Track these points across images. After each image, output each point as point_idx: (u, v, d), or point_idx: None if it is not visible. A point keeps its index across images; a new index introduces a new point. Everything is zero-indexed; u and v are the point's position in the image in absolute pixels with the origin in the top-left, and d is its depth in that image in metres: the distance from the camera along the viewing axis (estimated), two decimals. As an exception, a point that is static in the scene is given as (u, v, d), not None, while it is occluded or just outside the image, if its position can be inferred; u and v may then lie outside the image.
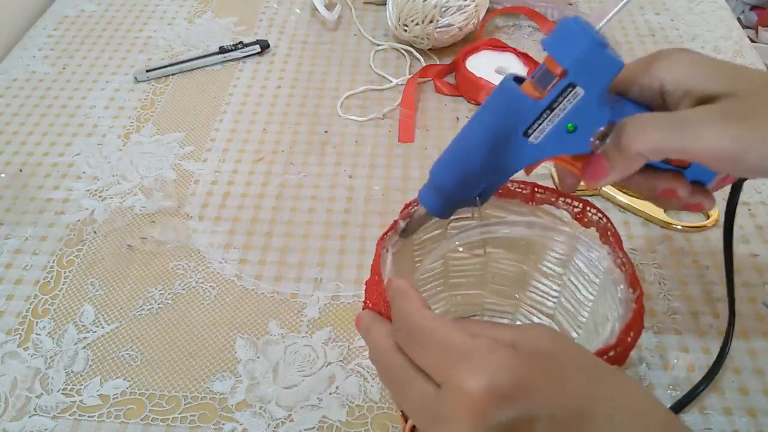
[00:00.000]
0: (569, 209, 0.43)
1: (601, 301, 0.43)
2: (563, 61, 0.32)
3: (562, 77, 0.33)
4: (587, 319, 0.45)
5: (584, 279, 0.45)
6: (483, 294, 0.50)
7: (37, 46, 0.83)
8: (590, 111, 0.34)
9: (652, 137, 0.33)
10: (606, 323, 0.42)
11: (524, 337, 0.30)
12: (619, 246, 0.40)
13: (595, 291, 0.44)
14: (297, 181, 0.65)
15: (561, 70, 0.33)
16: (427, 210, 0.39)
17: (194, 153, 0.68)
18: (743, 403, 0.48)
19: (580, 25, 0.32)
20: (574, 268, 0.45)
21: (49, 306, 0.55)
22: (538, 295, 0.49)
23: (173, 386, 0.50)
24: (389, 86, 0.75)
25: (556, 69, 0.33)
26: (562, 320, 0.48)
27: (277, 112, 0.73)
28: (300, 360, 0.51)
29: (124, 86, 0.77)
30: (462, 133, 0.37)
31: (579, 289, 0.45)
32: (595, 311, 0.44)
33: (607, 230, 0.41)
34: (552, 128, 0.34)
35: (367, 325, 0.35)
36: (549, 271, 0.47)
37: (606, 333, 0.41)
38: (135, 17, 0.87)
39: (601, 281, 0.43)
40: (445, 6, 0.73)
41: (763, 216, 0.60)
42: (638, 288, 0.38)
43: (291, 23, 0.86)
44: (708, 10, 0.86)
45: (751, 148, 0.32)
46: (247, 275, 0.57)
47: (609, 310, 0.41)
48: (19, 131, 0.71)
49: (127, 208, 0.63)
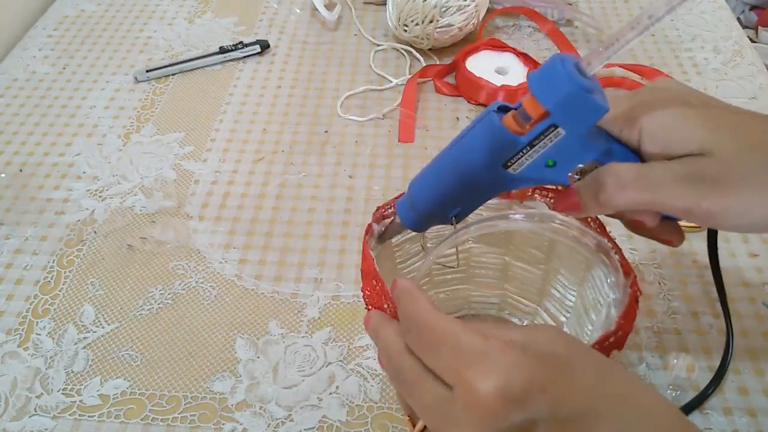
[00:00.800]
0: (546, 201, 0.43)
1: (588, 285, 0.44)
2: (546, 102, 0.32)
3: (543, 117, 0.32)
4: (575, 303, 0.46)
5: (568, 263, 0.45)
6: (469, 288, 0.51)
7: (37, 46, 0.83)
8: (571, 150, 0.34)
9: (628, 197, 0.33)
10: (599, 308, 0.42)
11: (535, 338, 0.30)
12: (602, 231, 0.41)
13: (580, 275, 0.44)
14: (297, 181, 0.65)
15: (543, 110, 0.32)
16: (402, 223, 0.39)
17: (194, 153, 0.68)
18: (743, 403, 0.48)
19: (566, 68, 0.31)
20: (557, 254, 0.46)
21: (50, 306, 0.55)
22: (524, 283, 0.49)
23: (173, 386, 0.50)
24: (389, 86, 0.75)
25: (538, 109, 0.32)
26: (549, 306, 0.48)
27: (277, 112, 0.73)
28: (300, 360, 0.51)
29: (124, 86, 0.77)
30: (441, 154, 0.37)
31: (564, 274, 0.46)
32: (583, 295, 0.45)
33: (587, 217, 0.42)
34: (531, 162, 0.34)
35: (375, 326, 0.34)
36: (532, 259, 0.47)
37: (602, 318, 0.41)
38: (135, 17, 0.87)
39: (586, 265, 0.43)
40: (445, 6, 0.73)
41: (763, 216, 0.60)
42: (630, 272, 0.38)
43: (291, 23, 0.86)
44: (708, 10, 0.86)
45: (722, 213, 0.32)
46: (247, 275, 0.57)
47: (599, 295, 0.42)
48: (19, 131, 0.71)
49: (127, 208, 0.63)
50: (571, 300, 0.47)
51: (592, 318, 0.44)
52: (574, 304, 0.46)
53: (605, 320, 0.40)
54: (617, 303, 0.38)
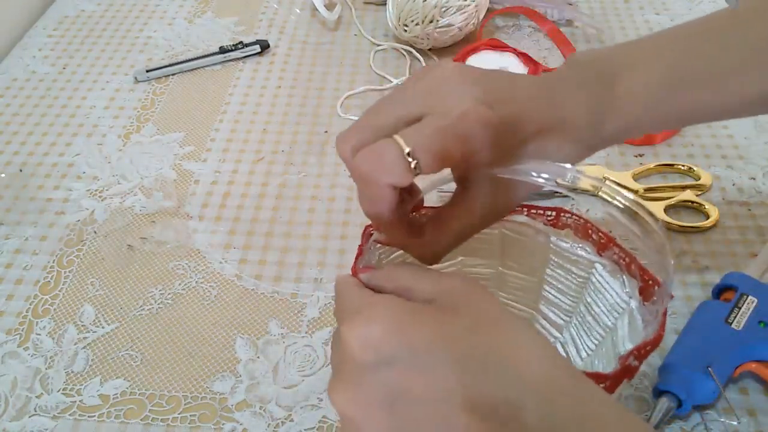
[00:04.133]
0: (543, 219, 0.44)
1: (591, 289, 0.44)
2: None
3: None
4: (574, 307, 0.46)
5: (564, 269, 0.45)
6: None
7: (37, 46, 0.83)
8: None
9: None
10: (614, 314, 0.42)
11: (441, 293, 0.31)
12: (610, 241, 0.41)
13: (578, 280, 0.44)
14: (297, 181, 0.65)
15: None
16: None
17: (194, 153, 0.68)
18: (743, 403, 0.48)
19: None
20: (550, 260, 0.46)
21: (50, 306, 0.55)
22: (518, 290, 0.49)
23: (173, 386, 0.50)
24: (389, 86, 0.75)
25: None
26: (546, 310, 0.48)
27: (277, 112, 0.73)
28: (300, 360, 0.51)
29: (124, 86, 0.77)
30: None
31: (559, 281, 0.46)
32: (586, 300, 0.45)
33: (587, 229, 0.42)
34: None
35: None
36: (526, 268, 0.47)
37: (624, 325, 0.41)
38: (135, 17, 0.87)
39: (582, 273, 0.44)
40: (445, 6, 0.73)
41: (763, 216, 0.60)
42: (653, 280, 0.38)
43: (291, 23, 0.86)
44: (708, 10, 0.85)
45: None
46: (247, 275, 0.57)
47: (609, 299, 0.42)
48: (19, 131, 0.71)
49: (127, 208, 0.63)
50: (569, 304, 0.46)
51: (604, 323, 0.43)
52: (574, 308, 0.46)
53: (629, 327, 0.40)
54: (641, 311, 0.38)
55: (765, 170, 0.64)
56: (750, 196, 0.62)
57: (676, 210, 0.61)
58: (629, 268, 0.40)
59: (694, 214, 0.61)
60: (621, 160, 0.66)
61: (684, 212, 0.61)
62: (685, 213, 0.61)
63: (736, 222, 0.60)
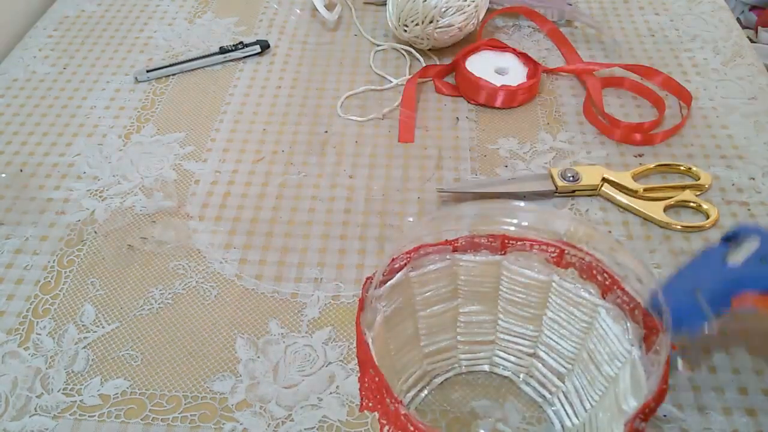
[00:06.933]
0: (546, 255, 0.42)
1: (595, 336, 0.42)
2: None
3: None
4: (577, 354, 0.45)
5: (565, 313, 0.44)
6: (458, 348, 0.49)
7: (38, 46, 0.83)
8: None
9: None
10: (616, 363, 0.40)
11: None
12: (615, 283, 0.39)
13: (581, 325, 0.43)
14: (297, 181, 0.65)
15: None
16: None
17: (194, 153, 0.68)
18: (743, 402, 0.48)
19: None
20: (552, 304, 0.44)
21: (50, 306, 0.55)
22: (516, 336, 0.48)
23: (173, 386, 0.50)
24: (389, 86, 0.75)
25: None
26: (546, 357, 0.47)
27: (277, 113, 0.73)
28: (300, 360, 0.51)
29: (124, 86, 0.77)
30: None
31: (561, 324, 0.45)
32: (589, 347, 0.43)
33: (591, 269, 0.40)
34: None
35: None
36: (524, 313, 0.46)
37: (626, 376, 0.39)
38: (135, 17, 0.87)
39: (585, 317, 0.42)
40: (445, 6, 0.73)
41: (763, 216, 0.60)
42: (657, 328, 0.36)
43: (291, 23, 0.86)
44: (707, 10, 0.86)
45: None
46: (247, 275, 0.57)
47: (612, 347, 0.40)
48: (19, 131, 0.71)
49: (127, 208, 0.63)
50: (571, 350, 0.45)
51: (607, 372, 0.41)
52: (576, 355, 0.44)
53: (632, 380, 0.38)
54: (643, 361, 0.37)
55: (764, 170, 0.64)
56: (749, 196, 0.62)
57: (676, 210, 0.61)
58: (632, 314, 0.38)
59: (693, 213, 0.61)
60: (621, 160, 0.66)
61: (683, 212, 0.61)
62: (684, 213, 0.61)
63: (735, 222, 0.60)
